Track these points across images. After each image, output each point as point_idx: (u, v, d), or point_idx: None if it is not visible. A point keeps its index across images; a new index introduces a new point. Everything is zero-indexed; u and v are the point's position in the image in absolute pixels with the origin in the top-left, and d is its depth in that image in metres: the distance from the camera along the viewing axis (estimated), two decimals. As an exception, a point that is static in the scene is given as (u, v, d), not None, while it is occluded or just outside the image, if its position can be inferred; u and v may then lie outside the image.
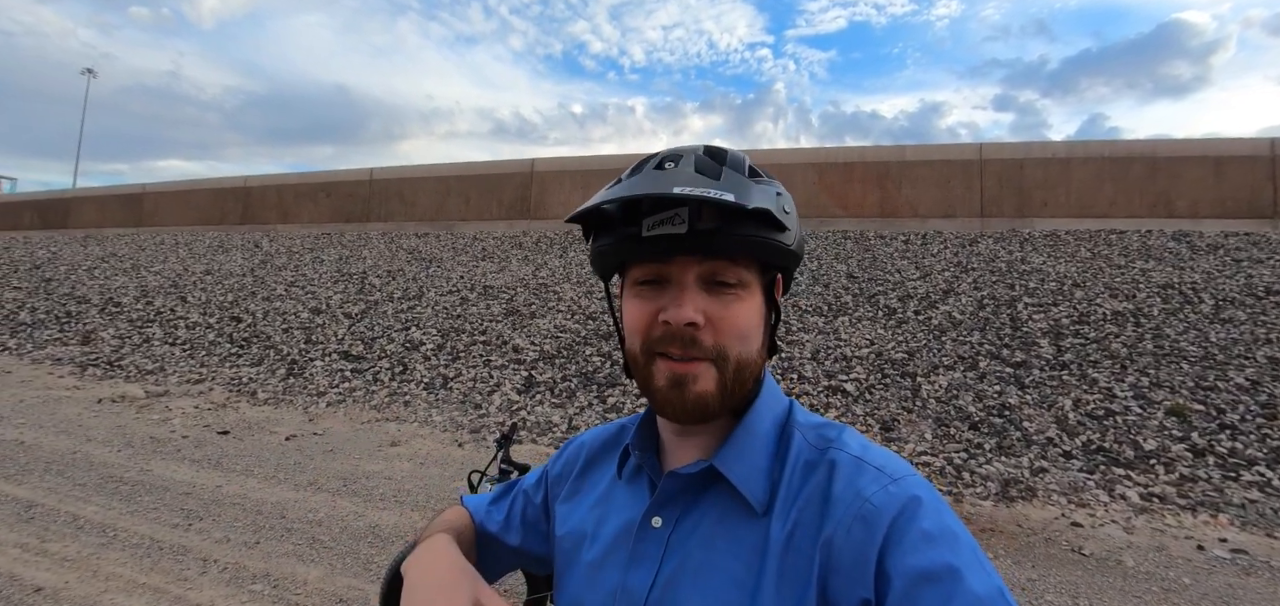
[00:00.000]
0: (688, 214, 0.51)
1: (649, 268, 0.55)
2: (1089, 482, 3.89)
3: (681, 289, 0.53)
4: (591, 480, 0.66)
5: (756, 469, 0.53)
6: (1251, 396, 4.62)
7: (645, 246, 0.53)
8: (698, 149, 0.55)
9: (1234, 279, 6.61)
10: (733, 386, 0.53)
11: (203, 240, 13.32)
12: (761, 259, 0.54)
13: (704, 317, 0.52)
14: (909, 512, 0.46)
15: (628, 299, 0.57)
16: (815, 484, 0.51)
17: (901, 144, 14.98)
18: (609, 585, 0.56)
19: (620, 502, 0.61)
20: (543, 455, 4.57)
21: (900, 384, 5.28)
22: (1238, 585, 2.81)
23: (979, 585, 0.43)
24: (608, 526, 0.60)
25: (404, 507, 3.56)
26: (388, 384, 6.13)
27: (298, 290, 9.24)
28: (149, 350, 7.51)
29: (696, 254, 0.52)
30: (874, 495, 0.48)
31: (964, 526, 0.47)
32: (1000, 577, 0.45)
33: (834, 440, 0.53)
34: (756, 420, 0.56)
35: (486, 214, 12.10)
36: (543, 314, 7.45)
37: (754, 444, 0.54)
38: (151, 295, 9.64)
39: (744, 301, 0.54)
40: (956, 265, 7.77)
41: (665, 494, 0.56)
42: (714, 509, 0.54)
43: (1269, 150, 8.59)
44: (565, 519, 0.66)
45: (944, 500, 0.49)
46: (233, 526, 3.22)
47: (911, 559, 0.44)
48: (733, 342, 0.53)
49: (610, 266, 0.59)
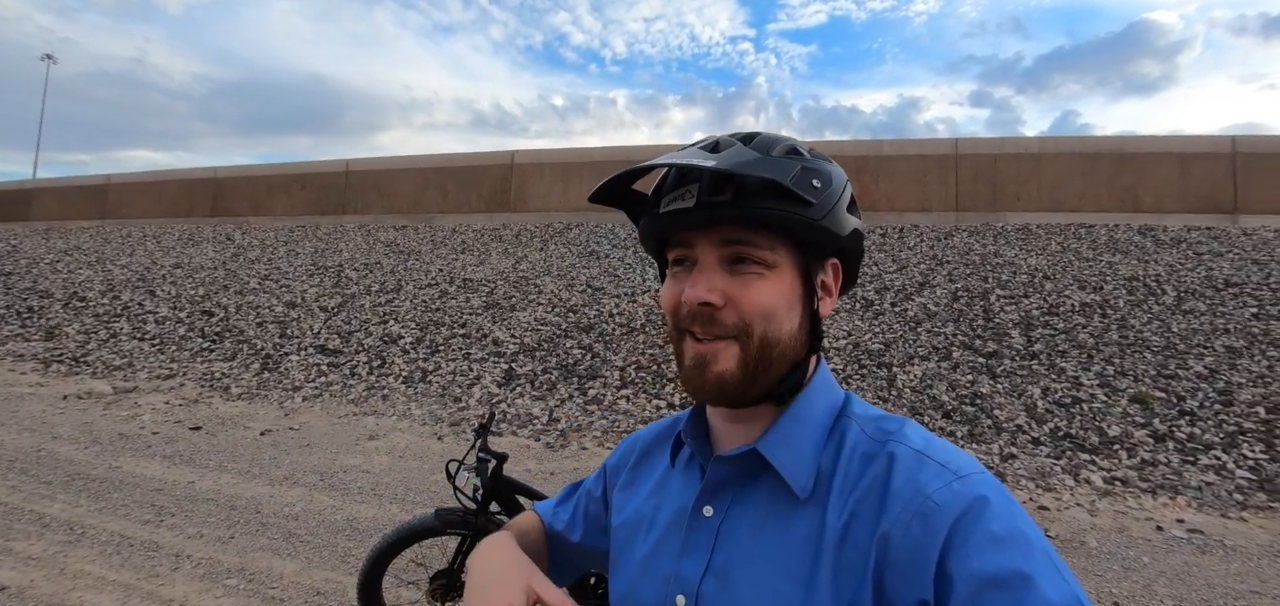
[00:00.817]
0: (697, 189, 0.52)
1: (679, 248, 0.55)
2: (1056, 468, 4.02)
3: (701, 269, 0.53)
4: (646, 470, 0.67)
5: (801, 455, 0.53)
6: (1210, 384, 4.81)
7: (666, 222, 0.54)
8: (738, 133, 0.56)
9: (1195, 272, 6.85)
10: (756, 366, 0.52)
11: (171, 233, 12.96)
12: (789, 235, 0.53)
13: (723, 297, 0.52)
14: (975, 512, 0.44)
15: (666, 280, 0.58)
16: (873, 476, 0.49)
17: (879, 138, 15.19)
18: (663, 572, 0.57)
19: (674, 491, 0.61)
20: (523, 447, 4.57)
21: (877, 374, 5.38)
22: (1193, 563, 2.94)
23: (1053, 593, 0.40)
24: (662, 514, 0.60)
25: (382, 501, 3.53)
26: (365, 378, 6.06)
27: (272, 283, 9.06)
28: (116, 345, 7.30)
29: (712, 229, 0.52)
30: (936, 492, 0.46)
31: (1038, 529, 0.44)
32: (1079, 585, 0.42)
33: (894, 432, 0.52)
34: (805, 407, 0.55)
35: (466, 206, 11.97)
36: (523, 307, 7.42)
37: (801, 431, 0.54)
38: (118, 289, 9.36)
39: (768, 280, 0.52)
40: (932, 258, 7.92)
41: (714, 479, 0.56)
42: (767, 497, 0.53)
43: (1230, 147, 8.89)
44: (621, 508, 0.66)
45: (1015, 501, 0.46)
46: (206, 522, 3.16)
47: (977, 562, 0.42)
48: (756, 320, 0.52)
49: (652, 245, 0.60)
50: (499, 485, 1.96)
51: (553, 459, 4.36)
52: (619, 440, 4.74)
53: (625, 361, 5.93)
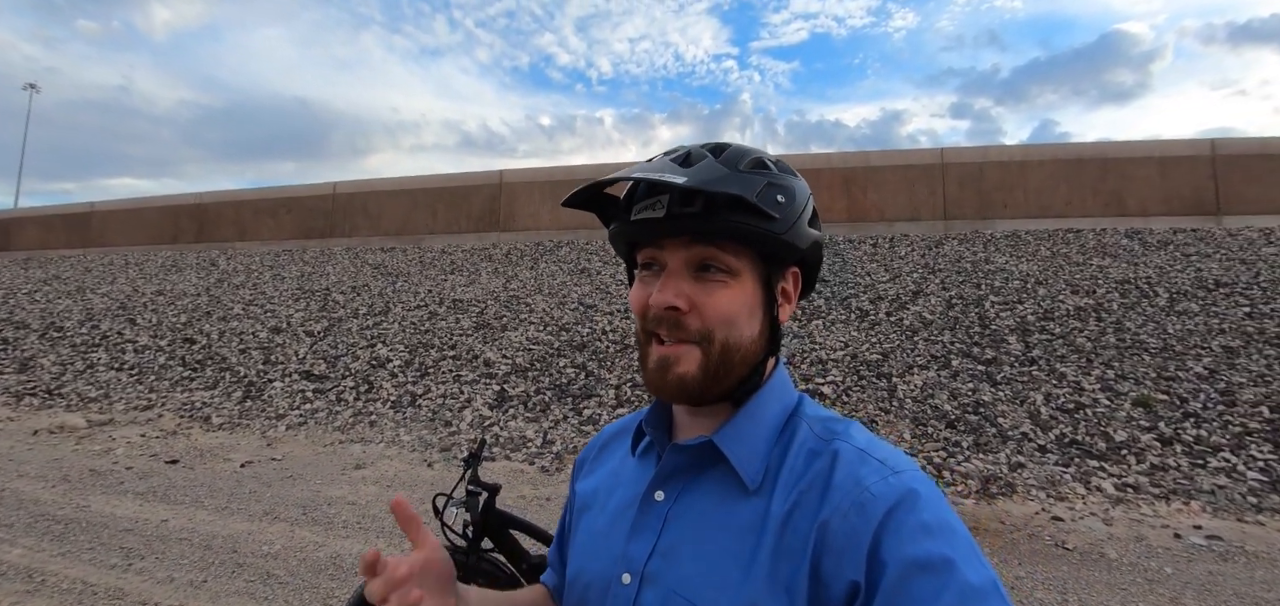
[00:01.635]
0: (667, 200, 0.54)
1: (648, 252, 0.57)
2: (1065, 476, 3.93)
3: (669, 274, 0.55)
4: (606, 456, 0.70)
5: (754, 450, 0.55)
6: (1211, 384, 4.76)
7: (636, 229, 0.56)
8: (708, 144, 0.58)
9: (1185, 273, 6.86)
10: (717, 370, 0.54)
11: (154, 260, 12.69)
12: (753, 247, 0.55)
13: (688, 302, 0.54)
14: (907, 504, 0.47)
15: (635, 283, 0.60)
16: (817, 470, 0.52)
17: (866, 150, 15.30)
18: (612, 551, 0.59)
19: (630, 476, 0.63)
20: (517, 472, 4.40)
21: (876, 385, 5.29)
22: (1217, 571, 2.84)
23: (974, 576, 0.44)
24: (616, 497, 0.63)
25: (369, 534, 3.35)
26: (352, 403, 5.86)
27: (256, 309, 8.84)
28: (93, 376, 7.04)
29: (680, 237, 0.54)
30: (873, 484, 0.49)
31: (962, 523, 0.48)
32: (995, 571, 0.46)
33: (840, 432, 0.55)
34: (760, 406, 0.57)
35: (455, 227, 11.84)
36: (514, 326, 7.27)
37: (755, 428, 0.56)
38: (97, 318, 9.09)
39: (731, 288, 0.55)
40: (924, 266, 7.89)
41: (668, 467, 0.58)
42: (716, 487, 0.55)
43: (1209, 150, 9.01)
44: (581, 493, 0.69)
45: (944, 496, 0.50)
46: (178, 564, 2.96)
47: (908, 547, 0.45)
48: (717, 326, 0.54)
49: (622, 249, 0.62)
50: (491, 520, 1.82)
51: (548, 483, 4.20)
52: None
53: (620, 379, 5.79)
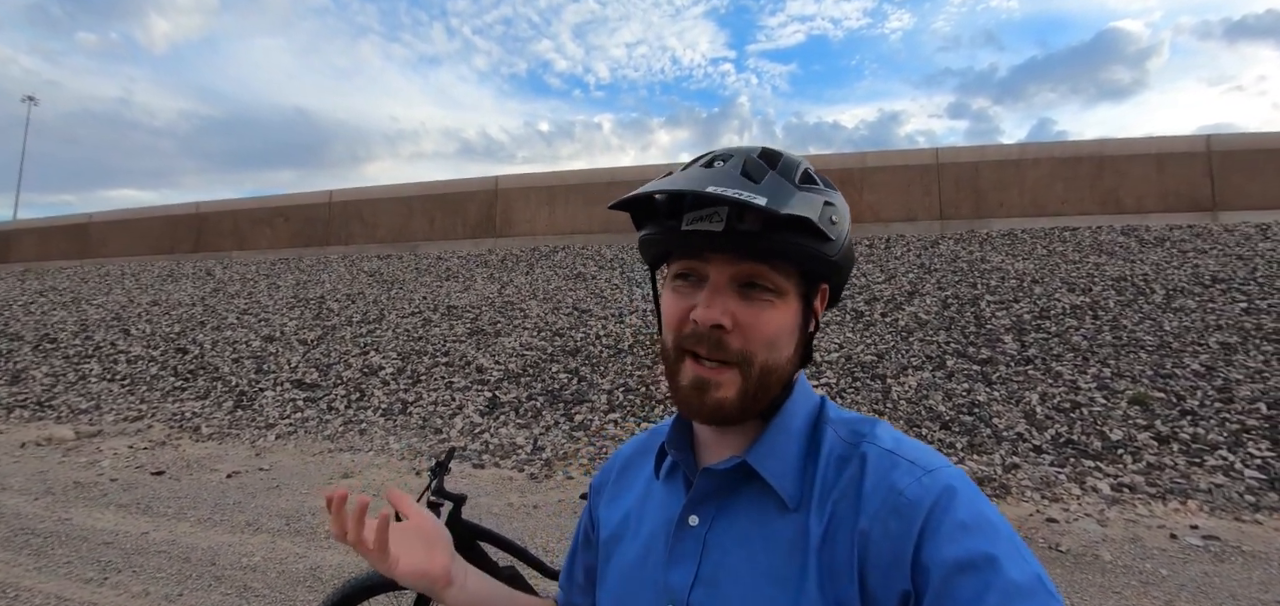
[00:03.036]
0: (727, 214, 0.51)
1: (687, 262, 0.55)
2: (1060, 476, 3.87)
3: (714, 290, 0.53)
4: (629, 480, 0.67)
5: (789, 465, 0.53)
6: (1208, 382, 4.70)
7: (684, 240, 0.54)
8: (753, 150, 0.55)
9: (1181, 269, 6.81)
10: (755, 393, 0.53)
11: (151, 270, 12.68)
12: (802, 267, 0.54)
13: (732, 321, 0.52)
14: (944, 503, 0.46)
15: (666, 291, 0.58)
16: (848, 478, 0.51)
17: (862, 151, 15.27)
18: (650, 583, 0.57)
19: (658, 501, 0.61)
20: (506, 478, 4.35)
21: (871, 386, 5.23)
22: (1213, 572, 2.78)
23: (1017, 572, 0.42)
24: (646, 524, 0.60)
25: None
26: (343, 411, 5.82)
27: (250, 318, 8.81)
28: (84, 387, 7.01)
29: (731, 253, 0.52)
30: (907, 488, 0.48)
31: (1001, 515, 0.46)
32: (1039, 564, 0.44)
33: (866, 434, 0.53)
34: (789, 418, 0.56)
35: (451, 233, 11.82)
36: (508, 332, 7.23)
37: (786, 441, 0.55)
38: (91, 329, 9.06)
39: (777, 308, 0.53)
40: (920, 266, 7.85)
41: (701, 491, 0.56)
42: (751, 506, 0.54)
43: (1205, 146, 8.97)
44: (607, 522, 0.66)
45: (980, 490, 0.48)
46: (154, 578, 2.91)
47: (948, 549, 0.44)
48: (760, 349, 0.52)
49: (654, 255, 0.60)
50: (458, 531, 1.77)
51: (536, 490, 4.15)
52: (607, 466, 4.55)
53: (613, 384, 5.74)
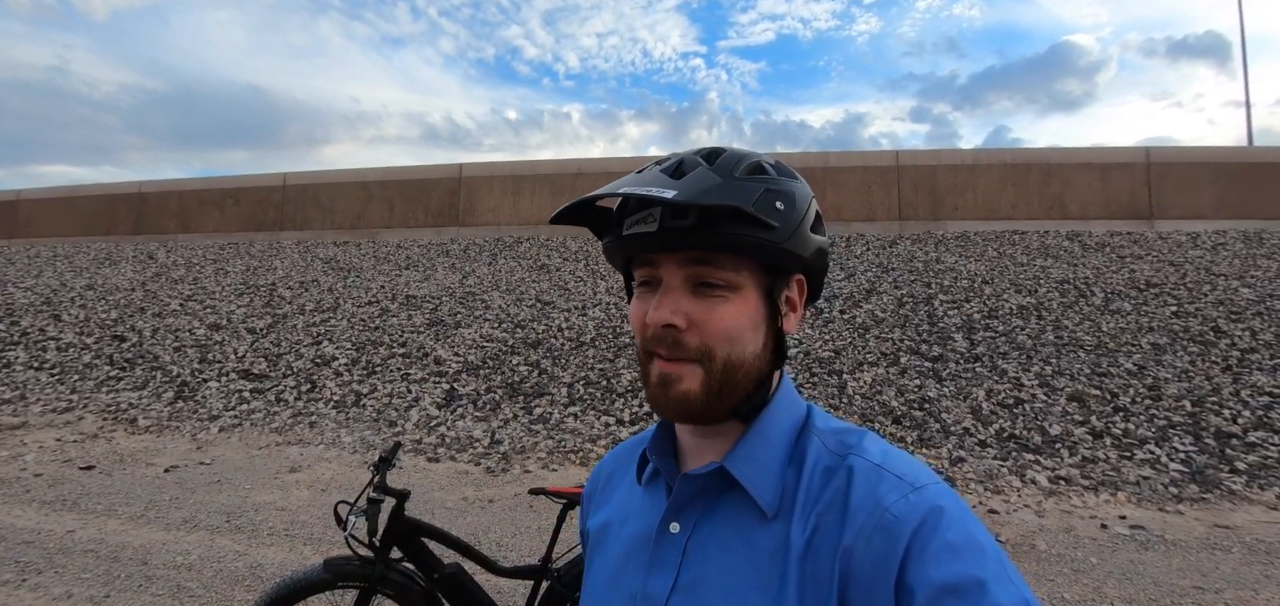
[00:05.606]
0: (660, 214, 0.52)
1: (645, 268, 0.55)
2: (1003, 469, 4.04)
3: (666, 291, 0.53)
4: (612, 488, 0.67)
5: (768, 472, 0.53)
6: (1139, 380, 4.98)
7: (628, 244, 0.54)
8: (702, 150, 0.55)
9: (1119, 274, 7.19)
10: (720, 388, 0.52)
11: (87, 252, 11.94)
12: (753, 258, 0.53)
13: (686, 320, 0.52)
14: (931, 523, 0.45)
15: (633, 299, 0.58)
16: (834, 490, 0.50)
17: (826, 151, 15.56)
18: (630, 588, 0.56)
19: (639, 507, 0.61)
20: (461, 472, 4.27)
21: (828, 381, 5.35)
22: (1138, 560, 2.95)
23: (1005, 598, 0.42)
24: (628, 529, 0.60)
25: (295, 542, 3.18)
26: (292, 403, 5.61)
27: (195, 304, 8.39)
28: (8, 377, 6.55)
29: (676, 252, 0.52)
30: (894, 504, 0.47)
31: (991, 537, 0.45)
32: (1028, 589, 0.43)
33: (853, 446, 0.53)
34: (769, 423, 0.55)
35: (412, 221, 11.51)
36: (469, 323, 7.09)
37: (766, 447, 0.54)
38: (18, 314, 8.48)
39: (732, 303, 0.52)
40: (878, 266, 8.05)
41: (681, 497, 0.56)
42: (733, 514, 0.53)
43: (1144, 158, 9.49)
44: (593, 530, 0.66)
45: (969, 510, 0.47)
46: (79, 579, 2.75)
47: (934, 571, 0.43)
48: (719, 344, 0.52)
49: (618, 262, 0.60)
50: (400, 528, 1.72)
51: (492, 484, 4.09)
52: (565, 460, 4.51)
53: (574, 377, 5.70)
